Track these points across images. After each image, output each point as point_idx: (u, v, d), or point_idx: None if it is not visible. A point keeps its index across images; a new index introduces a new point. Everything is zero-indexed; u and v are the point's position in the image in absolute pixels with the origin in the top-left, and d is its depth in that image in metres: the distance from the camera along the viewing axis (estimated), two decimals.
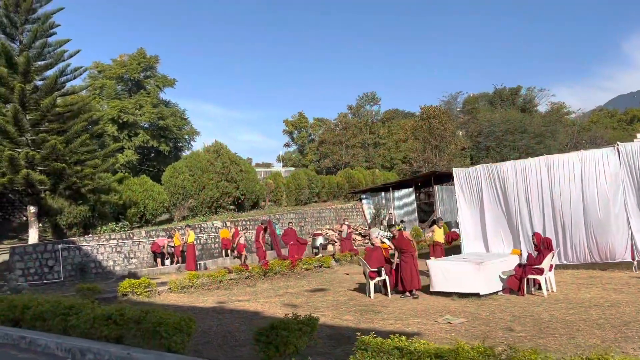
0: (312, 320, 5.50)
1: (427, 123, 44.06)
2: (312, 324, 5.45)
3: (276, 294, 13.33)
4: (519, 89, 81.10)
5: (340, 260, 19.19)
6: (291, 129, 58.26)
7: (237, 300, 12.56)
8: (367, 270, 11.97)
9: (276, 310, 10.80)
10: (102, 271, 19.46)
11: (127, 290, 13.36)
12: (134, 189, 22.42)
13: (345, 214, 34.16)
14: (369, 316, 9.85)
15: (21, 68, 18.46)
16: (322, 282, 15.23)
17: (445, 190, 33.27)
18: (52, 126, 19.03)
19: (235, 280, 15.80)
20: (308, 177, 35.02)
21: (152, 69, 31.77)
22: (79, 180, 18.94)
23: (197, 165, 26.12)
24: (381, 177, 42.31)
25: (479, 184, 16.56)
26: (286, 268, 17.06)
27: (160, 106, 30.81)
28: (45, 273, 17.88)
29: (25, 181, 17.15)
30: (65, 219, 19.96)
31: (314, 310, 10.64)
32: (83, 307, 7.98)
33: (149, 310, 7.17)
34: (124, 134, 28.66)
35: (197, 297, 13.46)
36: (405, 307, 10.62)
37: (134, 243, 20.61)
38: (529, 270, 11.25)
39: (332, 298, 12.18)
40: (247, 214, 27.56)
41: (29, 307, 8.77)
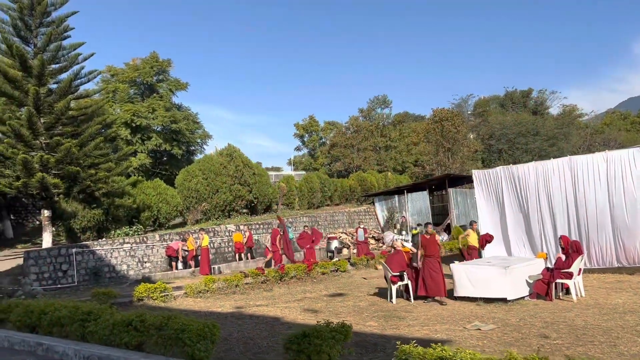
0: (345, 327, 5.22)
1: (439, 125, 43.66)
2: (345, 331, 5.16)
3: (294, 298, 13.05)
4: (530, 91, 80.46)
5: (357, 264, 18.87)
6: (302, 133, 58.01)
7: (255, 305, 12.29)
8: (389, 274, 11.65)
9: (296, 316, 10.52)
10: (116, 275, 19.28)
11: (142, 295, 13.14)
12: (148, 193, 22.26)
13: (358, 218, 33.84)
14: (394, 322, 9.53)
15: (35, 71, 18.38)
16: (339, 287, 14.93)
17: (459, 193, 32.86)
18: (66, 129, 18.92)
19: (252, 284, 15.54)
20: (320, 180, 34.75)
21: (165, 73, 31.69)
22: (93, 183, 18.79)
23: (210, 168, 25.94)
24: (393, 180, 41.95)
25: (499, 186, 16.21)
26: (302, 272, 16.77)
27: (172, 110, 30.71)
28: (59, 277, 17.72)
29: (40, 185, 17.03)
30: (79, 223, 19.83)
31: (335, 316, 10.36)
32: (101, 313, 7.74)
33: (170, 316, 6.91)
34: (137, 138, 28.57)
35: (214, 302, 13.21)
36: (430, 313, 10.29)
37: (148, 247, 20.42)
38: (557, 275, 10.90)
39: (353, 303, 11.88)
40: (260, 218, 27.32)
41: (45, 312, 8.55)
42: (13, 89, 18.03)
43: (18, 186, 17.47)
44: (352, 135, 50.04)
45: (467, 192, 34.52)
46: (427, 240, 11.43)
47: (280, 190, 31.08)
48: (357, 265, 18.85)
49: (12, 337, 8.37)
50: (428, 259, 11.33)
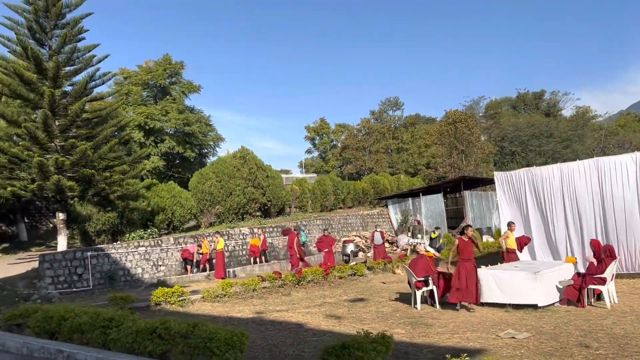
0: (386, 339, 4.92)
1: (453, 127, 43.21)
2: (386, 343, 4.87)
3: (314, 304, 12.75)
4: (542, 93, 79.77)
5: (374, 268, 18.54)
6: (313, 135, 57.78)
7: (275, 310, 12.01)
8: (413, 279, 11.32)
9: (319, 322, 10.22)
10: (131, 279, 19.09)
11: (160, 300, 12.90)
12: (162, 195, 22.08)
13: (372, 221, 33.49)
14: (421, 329, 9.20)
15: (50, 73, 18.26)
16: (359, 292, 14.61)
17: (474, 195, 32.41)
18: (80, 132, 18.79)
19: (269, 288, 15.27)
20: (333, 182, 34.44)
21: (178, 75, 31.55)
22: (108, 186, 18.64)
23: (224, 171, 25.73)
24: (406, 183, 41.55)
25: (521, 188, 15.82)
26: (320, 276, 16.48)
27: (185, 112, 30.57)
28: (75, 281, 17.55)
29: (56, 187, 16.88)
30: (93, 226, 19.67)
31: (359, 323, 10.06)
32: (123, 320, 7.49)
33: (196, 323, 6.64)
34: (150, 140, 28.44)
35: (232, 306, 12.95)
36: (458, 320, 9.95)
37: (163, 250, 20.22)
38: (589, 280, 10.51)
39: (375, 309, 11.56)
40: (273, 221, 27.07)
41: (66, 318, 8.32)
42: (28, 92, 17.93)
43: (33, 189, 17.33)
44: (363, 138, 49.72)
45: (482, 194, 34.09)
46: (464, 243, 10.94)
47: (293, 193, 30.82)
48: (374, 269, 18.52)
49: (31, 344, 8.14)
50: (465, 263, 10.83)
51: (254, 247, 22.26)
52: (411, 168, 51.46)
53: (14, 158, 17.23)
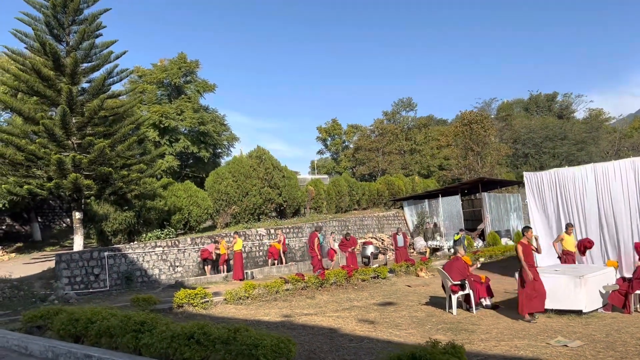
0: (457, 349, 4.46)
1: (468, 128, 42.61)
2: (459, 353, 4.40)
3: (342, 307, 12.30)
4: (555, 95, 79.10)
5: (397, 270, 18.05)
6: (324, 136, 57.35)
7: (302, 313, 11.56)
8: (449, 283, 10.84)
9: (353, 327, 9.76)
10: (148, 280, 18.75)
11: (182, 301, 12.49)
12: (179, 195, 21.71)
13: (387, 222, 33.01)
14: (464, 336, 8.72)
15: (68, 69, 17.97)
16: (386, 295, 14.14)
17: (492, 197, 31.84)
18: (98, 129, 18.47)
19: (292, 291, 14.83)
20: (348, 183, 34.01)
21: (193, 74, 31.24)
22: (125, 185, 18.30)
23: (240, 170, 25.35)
24: (421, 185, 41.06)
25: (552, 189, 15.28)
26: (342, 279, 16.02)
27: (201, 111, 30.23)
28: (91, 282, 17.21)
29: (73, 185, 16.55)
30: (110, 226, 19.33)
31: (395, 328, 9.60)
32: (156, 323, 7.09)
33: (237, 328, 6.22)
34: (165, 139, 28.10)
35: (257, 309, 12.52)
36: (499, 326, 9.46)
37: (180, 251, 19.86)
38: (637, 285, 9.99)
39: (408, 313, 11.08)
40: (289, 221, 26.67)
41: (93, 321, 7.93)
42: (46, 88, 17.64)
43: (50, 187, 17.02)
44: (377, 139, 49.23)
45: (499, 196, 33.51)
46: (526, 247, 10.15)
47: (308, 193, 30.41)
48: (397, 272, 18.03)
49: (57, 348, 7.75)
50: (532, 269, 9.93)
51: (273, 249, 21.85)
52: (424, 170, 50.95)
53: (31, 155, 16.94)
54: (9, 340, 9.00)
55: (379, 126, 50.19)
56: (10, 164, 17.38)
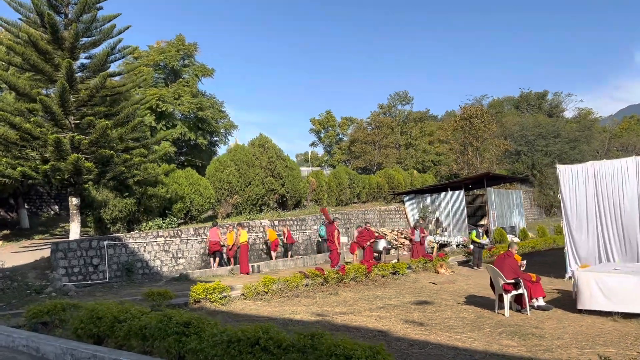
0: None
1: (468, 123, 41.92)
2: None
3: (375, 305, 11.30)
4: (545, 93, 79.22)
5: (415, 267, 17.13)
6: (318, 128, 56.21)
7: (335, 312, 10.52)
8: (501, 281, 9.91)
9: (403, 329, 8.75)
10: (149, 272, 17.51)
11: (200, 296, 11.37)
12: (180, 182, 20.42)
13: (389, 216, 32.13)
14: (534, 341, 7.79)
15: (68, 43, 16.59)
16: (414, 293, 13.19)
17: (496, 193, 31.16)
18: (98, 109, 17.10)
19: (311, 286, 13.81)
20: (349, 176, 32.99)
21: (191, 57, 29.80)
22: (127, 169, 17.00)
23: (242, 159, 24.13)
24: (419, 179, 40.26)
25: (588, 183, 14.48)
26: (362, 274, 15.05)
27: (199, 96, 28.85)
28: (90, 273, 15.92)
29: (74, 168, 15.21)
30: (109, 213, 17.99)
31: (448, 330, 8.64)
32: (203, 325, 5.99)
33: (313, 333, 5.16)
34: (161, 125, 26.67)
35: (281, 306, 11.45)
36: (568, 330, 8.55)
37: (182, 241, 18.65)
38: None
39: (453, 314, 10.13)
40: (292, 213, 25.58)
41: (120, 320, 6.79)
42: (43, 62, 16.22)
43: (45, 170, 15.64)
44: (373, 132, 48.26)
45: (503, 192, 32.86)
46: None
47: (310, 185, 29.32)
48: (415, 268, 17.12)
49: (78, 351, 6.59)
50: None
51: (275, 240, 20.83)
52: (419, 164, 50.21)
53: (26, 135, 15.54)
54: (15, 340, 7.79)
55: (375, 119, 49.21)
56: (2, 144, 15.97)
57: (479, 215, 35.85)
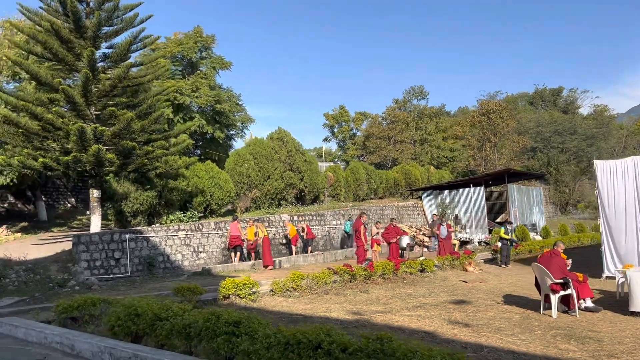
0: None
1: (486, 118, 41.27)
2: None
3: (411, 305, 10.87)
4: (560, 89, 78.10)
5: (442, 264, 16.67)
6: (332, 123, 55.68)
7: (371, 311, 10.11)
8: (548, 281, 9.45)
9: (451, 331, 8.32)
10: (171, 266, 17.22)
11: (229, 292, 11.01)
12: (201, 175, 20.08)
13: (406, 213, 31.69)
14: (594, 346, 7.34)
15: (90, 32, 16.25)
16: (448, 292, 12.75)
17: (517, 190, 30.58)
18: (120, 100, 16.78)
19: (339, 283, 13.40)
20: (366, 171, 32.54)
21: (208, 50, 29.42)
22: (149, 161, 16.67)
23: (261, 152, 23.77)
24: (435, 175, 39.74)
25: (628, 180, 13.93)
26: (390, 271, 14.61)
27: (217, 89, 28.46)
28: (112, 266, 15.65)
29: (95, 159, 14.89)
30: (130, 206, 17.68)
31: (498, 332, 8.20)
32: (255, 325, 5.59)
33: (381, 336, 4.75)
34: (179, 117, 26.35)
35: (312, 303, 11.06)
36: (626, 333, 8.09)
37: (203, 235, 18.34)
38: None
39: (497, 315, 9.68)
40: (311, 208, 25.19)
41: (161, 317, 6.42)
42: (65, 51, 15.91)
43: (67, 161, 15.33)
44: (388, 127, 47.65)
45: (524, 189, 32.29)
46: None
47: (327, 179, 28.91)
48: (442, 266, 16.66)
49: (117, 350, 6.23)
50: None
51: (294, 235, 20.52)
52: (434, 160, 49.61)
53: (48, 125, 15.24)
54: (48, 337, 7.47)
55: (391, 114, 48.59)
56: (24, 135, 15.69)
57: (497, 212, 35.30)
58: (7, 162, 15.10)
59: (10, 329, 8.27)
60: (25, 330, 7.90)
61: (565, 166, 55.40)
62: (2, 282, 12.71)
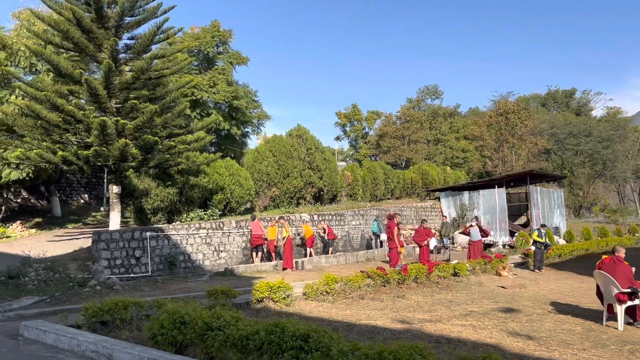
0: None
1: (504, 119, 40.51)
2: None
3: (457, 312, 10.20)
4: (573, 91, 77.18)
5: (474, 268, 16.00)
6: (344, 121, 54.99)
7: (417, 319, 9.45)
8: (614, 290, 8.76)
9: (517, 345, 7.65)
10: (192, 265, 16.61)
11: (263, 295, 10.38)
12: (221, 172, 19.44)
13: (424, 213, 30.97)
14: None
15: (112, 22, 15.69)
16: (489, 298, 12.09)
17: (538, 192, 29.81)
18: (142, 92, 16.19)
19: (373, 287, 12.76)
20: (384, 170, 31.86)
21: (225, 45, 28.82)
22: (171, 157, 16.07)
23: (280, 150, 23.13)
24: (452, 176, 38.99)
25: None
26: (423, 275, 13.95)
27: (234, 85, 27.84)
28: (132, 265, 15.05)
29: (120, 154, 14.31)
30: (151, 203, 17.07)
31: (566, 346, 7.53)
32: (325, 339, 4.94)
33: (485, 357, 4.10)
34: (196, 113, 25.75)
35: (350, 308, 10.43)
36: None
37: (224, 234, 17.73)
38: None
39: (555, 326, 9.00)
40: (330, 208, 24.54)
41: (213, 327, 5.78)
42: (87, 41, 15.32)
43: (87, 155, 14.76)
44: (403, 126, 46.92)
45: (545, 191, 31.51)
46: None
47: (345, 179, 28.25)
48: (474, 270, 15.98)
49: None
50: None
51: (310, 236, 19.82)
52: (448, 161, 48.86)
53: (69, 117, 14.66)
54: (82, 344, 6.84)
55: (405, 113, 47.86)
56: (43, 127, 15.12)
57: (515, 214, 34.49)
58: (25, 155, 14.52)
59: (38, 333, 7.66)
60: (56, 336, 7.28)
61: (580, 169, 54.53)
62: (22, 281, 12.13)
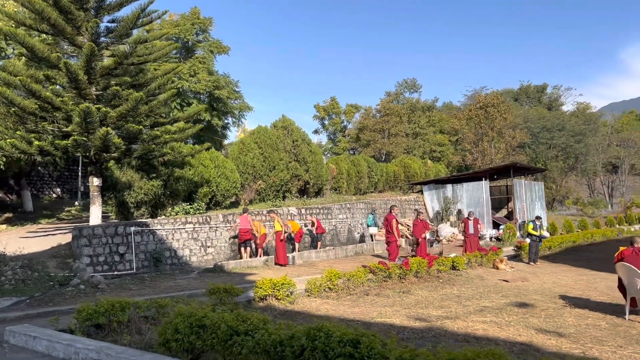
0: None
1: (483, 112, 40.56)
2: None
3: (470, 307, 9.77)
4: (545, 86, 78.44)
5: (471, 261, 15.67)
6: (323, 115, 54.36)
7: (434, 316, 8.96)
8: (638, 284, 8.42)
9: (550, 342, 7.23)
10: (178, 262, 15.77)
11: (266, 293, 9.73)
12: (206, 165, 18.60)
13: (409, 207, 30.65)
14: None
15: (92, 3, 14.65)
16: (496, 292, 11.73)
17: (521, 185, 29.86)
18: (124, 79, 15.21)
19: (375, 282, 12.25)
20: (368, 163, 31.43)
21: (206, 33, 27.78)
22: (156, 147, 15.18)
23: (266, 141, 22.36)
24: (433, 169, 38.87)
25: None
26: (423, 269, 13.51)
27: (215, 74, 26.87)
28: (116, 262, 14.13)
29: (102, 143, 13.35)
30: (134, 196, 16.12)
31: (600, 343, 7.16)
32: (378, 344, 4.35)
33: None
34: (176, 103, 24.73)
35: (359, 306, 9.86)
36: None
37: (211, 229, 16.92)
38: None
39: (578, 321, 8.62)
40: (316, 201, 23.94)
41: (239, 331, 5.11)
42: (64, 22, 14.27)
43: (66, 145, 13.76)
44: (383, 119, 46.57)
45: (526, 184, 31.61)
46: None
47: (330, 172, 27.69)
48: (471, 263, 15.65)
49: None
50: None
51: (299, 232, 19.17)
52: (426, 154, 48.83)
53: (47, 104, 13.62)
54: (80, 352, 6.05)
55: (385, 106, 47.53)
56: (17, 115, 14.03)
57: (496, 207, 34.56)
58: None
59: (27, 340, 6.84)
60: (49, 343, 6.48)
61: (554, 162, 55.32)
62: None
